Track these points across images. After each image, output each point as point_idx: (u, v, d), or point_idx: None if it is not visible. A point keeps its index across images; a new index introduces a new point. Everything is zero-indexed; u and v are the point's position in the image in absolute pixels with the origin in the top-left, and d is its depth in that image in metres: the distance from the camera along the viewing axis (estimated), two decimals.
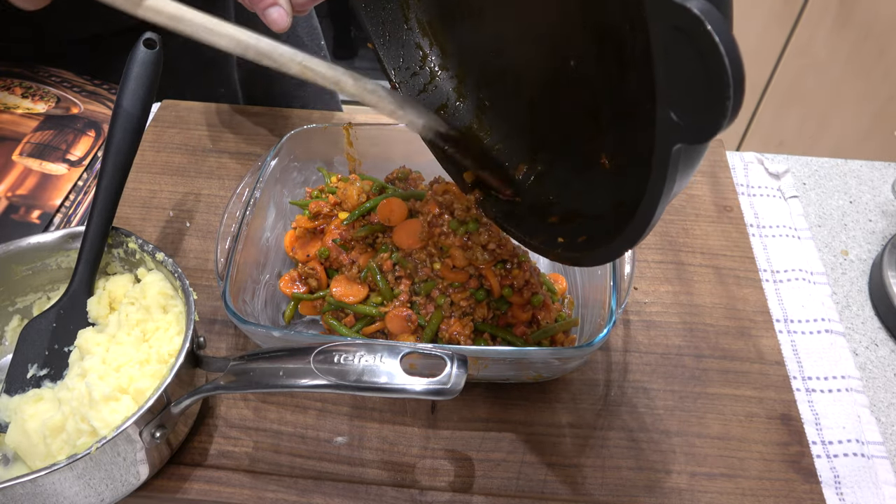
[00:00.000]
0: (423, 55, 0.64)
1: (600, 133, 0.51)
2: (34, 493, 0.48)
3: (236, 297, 0.59)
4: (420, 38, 0.64)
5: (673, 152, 0.34)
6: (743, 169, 0.84)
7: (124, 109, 0.61)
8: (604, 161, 0.51)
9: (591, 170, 0.52)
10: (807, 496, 0.56)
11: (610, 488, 0.57)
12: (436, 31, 0.64)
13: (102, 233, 0.61)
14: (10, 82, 0.90)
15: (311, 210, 0.67)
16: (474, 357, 0.55)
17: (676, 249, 0.74)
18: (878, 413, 0.65)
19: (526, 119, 0.59)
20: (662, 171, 0.35)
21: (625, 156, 0.49)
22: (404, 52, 0.64)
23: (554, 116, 0.56)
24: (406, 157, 0.72)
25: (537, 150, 0.59)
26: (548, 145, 0.58)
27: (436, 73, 0.64)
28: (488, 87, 0.62)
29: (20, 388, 0.57)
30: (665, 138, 0.34)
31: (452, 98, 0.64)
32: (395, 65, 0.64)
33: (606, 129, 0.51)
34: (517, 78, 0.59)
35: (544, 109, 0.57)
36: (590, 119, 0.52)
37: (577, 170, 0.55)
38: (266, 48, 0.50)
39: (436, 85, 0.64)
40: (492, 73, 0.61)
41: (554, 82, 0.55)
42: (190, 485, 0.57)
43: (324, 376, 0.48)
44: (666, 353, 0.65)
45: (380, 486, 0.57)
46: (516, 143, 0.61)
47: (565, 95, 0.54)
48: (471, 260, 0.61)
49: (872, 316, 0.72)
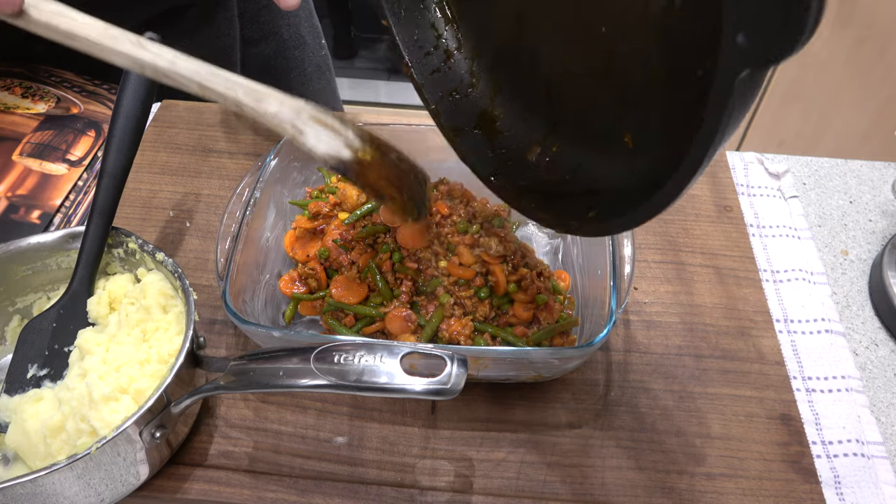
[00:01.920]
0: (437, 34, 0.63)
1: (626, 107, 0.50)
2: (34, 493, 0.48)
3: (236, 297, 0.59)
4: (436, 16, 0.63)
5: (737, 81, 0.32)
6: (743, 169, 0.84)
7: (124, 109, 0.61)
8: (626, 139, 0.50)
9: (611, 147, 0.51)
10: (807, 496, 0.56)
11: (610, 488, 0.57)
12: (453, 10, 0.62)
13: (102, 233, 0.61)
14: (10, 82, 0.90)
15: (311, 210, 0.67)
16: (474, 357, 0.55)
17: (676, 249, 0.74)
18: (878, 413, 0.65)
19: (542, 99, 0.58)
20: (723, 101, 0.33)
21: (653, 127, 0.48)
22: (419, 32, 0.63)
23: (574, 94, 0.55)
24: None
25: (552, 129, 0.58)
26: (564, 124, 0.57)
27: (451, 53, 0.63)
28: (504, 68, 0.61)
29: (20, 388, 0.57)
30: (729, 65, 0.32)
31: (465, 80, 0.63)
32: (408, 44, 0.63)
33: (633, 102, 0.50)
34: (535, 57, 0.57)
35: (564, 88, 0.56)
36: (616, 92, 0.51)
37: (598, 148, 0.54)
38: (164, 67, 0.47)
39: (450, 66, 0.63)
40: (509, 53, 0.60)
41: (580, 58, 0.53)
42: (190, 485, 0.57)
43: (324, 376, 0.48)
44: (666, 353, 0.65)
45: (380, 486, 0.57)
46: (530, 124, 0.60)
47: (590, 72, 0.53)
48: (482, 255, 0.61)
49: (872, 316, 0.72)
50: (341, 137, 0.50)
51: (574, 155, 0.56)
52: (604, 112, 0.53)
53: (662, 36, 0.45)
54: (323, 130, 0.49)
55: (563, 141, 0.58)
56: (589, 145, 0.55)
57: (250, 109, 0.48)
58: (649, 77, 0.48)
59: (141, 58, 0.47)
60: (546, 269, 0.65)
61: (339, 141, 0.49)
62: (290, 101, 0.49)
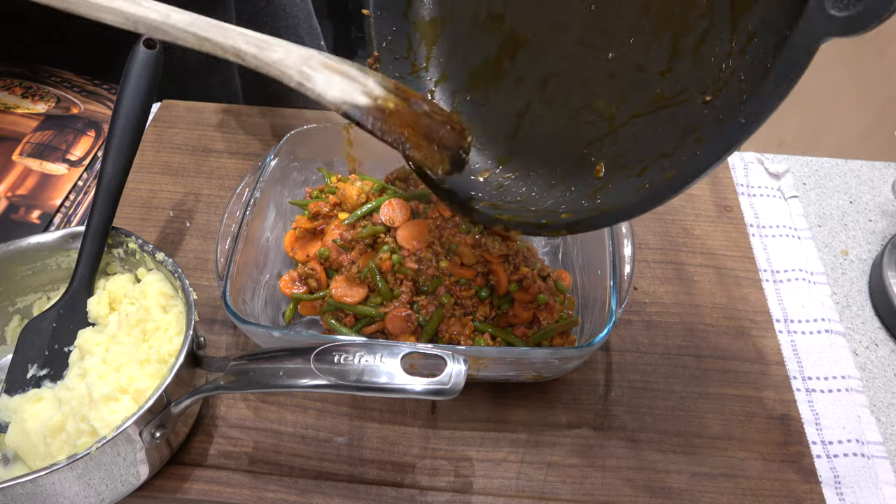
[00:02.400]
0: (409, 46, 0.63)
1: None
2: (34, 493, 0.48)
3: (236, 297, 0.59)
4: (413, 31, 0.63)
5: (817, 48, 0.34)
6: (743, 169, 0.84)
7: (124, 109, 0.61)
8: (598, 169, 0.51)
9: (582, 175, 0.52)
10: (807, 496, 0.56)
11: (610, 488, 0.57)
12: (433, 33, 0.63)
13: (102, 233, 0.61)
14: (10, 82, 0.90)
15: (311, 210, 0.67)
16: (474, 357, 0.55)
17: (676, 249, 0.74)
18: (878, 413, 0.65)
19: (510, 126, 0.58)
20: (798, 63, 0.35)
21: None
22: (394, 36, 0.63)
23: (551, 124, 0.56)
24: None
25: (512, 156, 0.59)
26: (528, 154, 0.57)
27: (418, 69, 0.63)
28: (470, 94, 0.61)
29: (20, 388, 0.57)
30: (811, 33, 0.34)
31: (427, 95, 0.63)
32: (381, 40, 0.63)
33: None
34: (515, 87, 0.58)
35: (540, 116, 0.57)
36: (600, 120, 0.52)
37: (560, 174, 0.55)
38: (157, 20, 0.46)
39: (413, 78, 0.63)
40: (478, 87, 0.60)
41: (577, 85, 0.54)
42: (190, 485, 0.57)
43: (324, 376, 0.48)
44: (666, 353, 0.65)
45: (380, 486, 0.57)
46: (491, 148, 0.60)
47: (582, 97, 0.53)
48: (484, 254, 0.61)
49: (872, 316, 0.72)
50: (358, 84, 0.47)
51: (525, 184, 0.57)
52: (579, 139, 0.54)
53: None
54: (336, 76, 0.46)
55: (516, 172, 0.58)
56: (544, 175, 0.56)
57: (251, 58, 0.46)
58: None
59: (133, 13, 0.45)
60: (548, 269, 0.65)
61: (356, 87, 0.46)
62: (299, 48, 0.47)
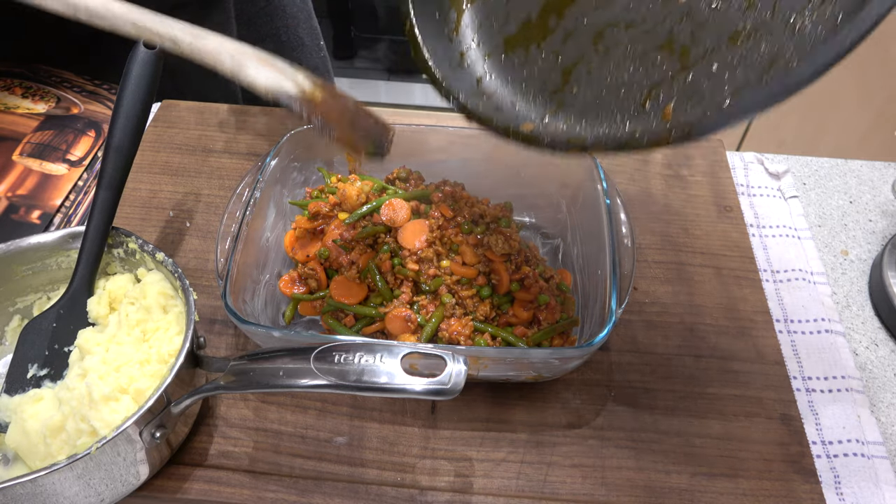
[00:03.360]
0: (441, 9, 0.60)
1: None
2: (34, 493, 0.48)
3: (236, 297, 0.59)
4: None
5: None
6: (743, 169, 0.84)
7: (124, 109, 0.61)
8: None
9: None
10: (807, 496, 0.56)
11: (610, 488, 0.57)
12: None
13: (102, 233, 0.61)
14: (10, 82, 0.90)
15: (311, 210, 0.67)
16: (474, 357, 0.55)
17: (676, 249, 0.74)
18: (878, 413, 0.65)
19: (555, 82, 0.56)
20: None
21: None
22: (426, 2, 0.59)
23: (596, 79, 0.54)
24: (406, 157, 0.72)
25: (559, 109, 0.56)
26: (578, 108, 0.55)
27: (451, 31, 0.60)
28: (507, 55, 0.59)
29: (20, 388, 0.57)
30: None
31: (458, 57, 0.60)
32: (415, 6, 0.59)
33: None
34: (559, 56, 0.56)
35: (594, 68, 0.54)
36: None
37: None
38: (97, 7, 0.48)
39: (452, 38, 0.60)
40: (517, 47, 0.58)
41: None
42: (190, 485, 0.57)
43: (324, 376, 0.48)
44: (666, 353, 0.65)
45: (380, 486, 0.57)
46: (534, 106, 0.57)
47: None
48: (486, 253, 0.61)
49: (872, 316, 0.72)
50: (288, 76, 0.50)
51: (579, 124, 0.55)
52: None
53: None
54: (266, 68, 0.50)
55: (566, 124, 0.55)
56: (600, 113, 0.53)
57: (187, 45, 0.49)
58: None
59: (74, 1, 0.48)
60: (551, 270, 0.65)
61: (285, 78, 0.50)
62: (232, 42, 0.50)
